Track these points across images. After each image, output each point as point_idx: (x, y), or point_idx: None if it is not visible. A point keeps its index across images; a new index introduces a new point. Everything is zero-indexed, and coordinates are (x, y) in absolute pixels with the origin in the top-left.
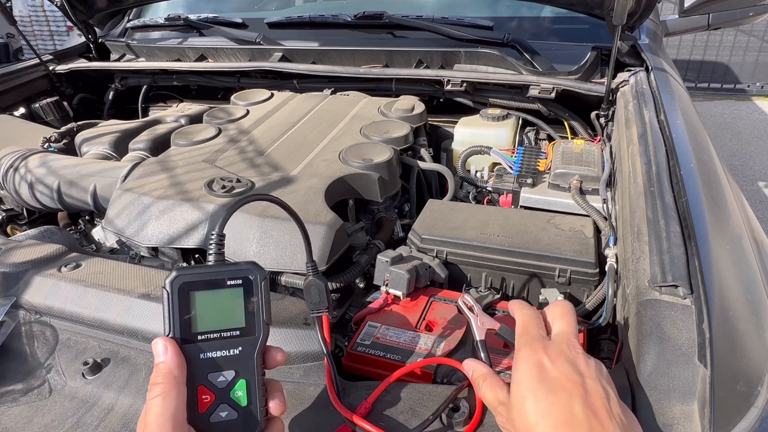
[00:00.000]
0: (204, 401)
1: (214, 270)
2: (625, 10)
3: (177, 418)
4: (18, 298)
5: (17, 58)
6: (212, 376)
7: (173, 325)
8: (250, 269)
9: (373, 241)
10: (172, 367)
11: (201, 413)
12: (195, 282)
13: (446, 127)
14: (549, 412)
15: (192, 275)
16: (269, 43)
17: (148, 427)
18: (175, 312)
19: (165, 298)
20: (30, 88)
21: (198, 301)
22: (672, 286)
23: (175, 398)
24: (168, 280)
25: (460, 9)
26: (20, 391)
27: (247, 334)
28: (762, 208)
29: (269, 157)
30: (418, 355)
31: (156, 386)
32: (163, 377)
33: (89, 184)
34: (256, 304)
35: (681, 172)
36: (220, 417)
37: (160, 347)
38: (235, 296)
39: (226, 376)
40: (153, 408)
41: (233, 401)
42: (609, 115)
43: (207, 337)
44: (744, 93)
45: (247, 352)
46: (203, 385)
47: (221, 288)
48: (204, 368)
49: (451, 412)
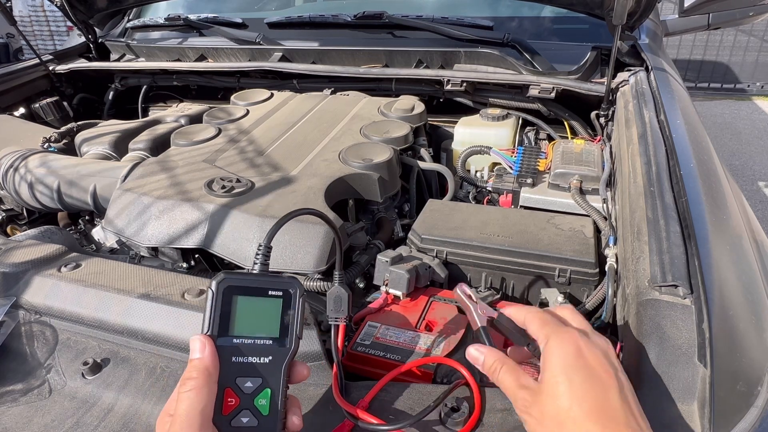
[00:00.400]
0: (229, 404)
1: (258, 278)
2: (625, 10)
3: (206, 415)
4: (18, 298)
5: (17, 58)
6: (240, 381)
7: (213, 324)
8: (292, 283)
9: (373, 241)
10: (208, 364)
11: (224, 415)
12: (239, 287)
13: (446, 127)
14: (584, 398)
15: (238, 279)
16: (269, 43)
17: (177, 419)
18: (216, 312)
19: (209, 297)
20: (30, 88)
21: (239, 305)
22: (672, 285)
23: (207, 395)
24: (215, 281)
25: (460, 9)
26: (20, 391)
27: (279, 344)
28: (762, 208)
29: (269, 157)
30: (418, 355)
31: (190, 380)
32: (198, 373)
33: (89, 184)
34: (292, 317)
35: (681, 172)
36: (241, 422)
37: (198, 343)
38: (274, 306)
39: (253, 383)
40: (184, 401)
41: (256, 409)
42: (609, 115)
43: (242, 341)
44: (744, 93)
45: (276, 363)
46: (230, 387)
47: (262, 296)
48: (234, 371)
49: (451, 411)
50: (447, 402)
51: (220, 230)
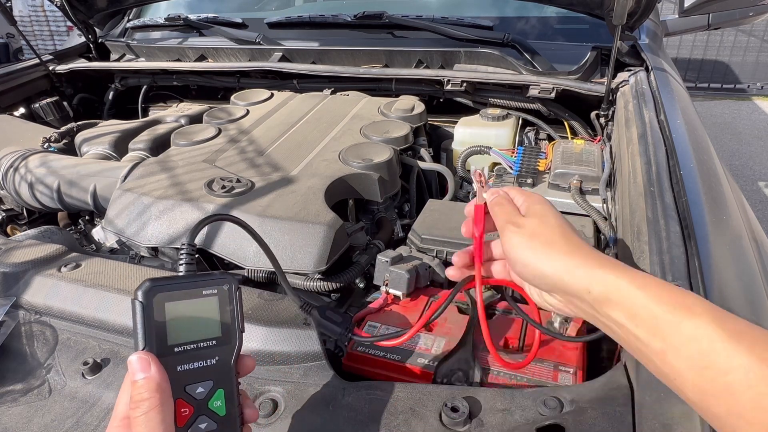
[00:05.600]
0: (183, 414)
1: (188, 280)
2: (625, 10)
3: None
4: (18, 298)
5: (17, 58)
6: (190, 388)
7: (149, 338)
8: (225, 278)
9: (373, 241)
10: (158, 380)
11: (180, 427)
12: (169, 293)
13: (446, 127)
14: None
15: (166, 285)
16: (269, 43)
17: None
18: (150, 324)
19: (138, 310)
20: (30, 88)
21: (173, 311)
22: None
23: (166, 413)
24: (140, 291)
25: (460, 9)
26: (20, 391)
27: (223, 343)
28: (762, 208)
29: (269, 157)
30: (418, 355)
31: (144, 402)
32: (151, 392)
33: (89, 184)
34: (231, 312)
35: (681, 172)
36: (200, 429)
37: (140, 363)
38: (210, 306)
39: (204, 387)
40: (142, 425)
41: (212, 412)
42: (609, 115)
43: (184, 349)
44: (744, 93)
45: (224, 361)
46: (181, 398)
47: (196, 298)
48: (181, 380)
49: (451, 411)
50: (447, 402)
51: (220, 230)
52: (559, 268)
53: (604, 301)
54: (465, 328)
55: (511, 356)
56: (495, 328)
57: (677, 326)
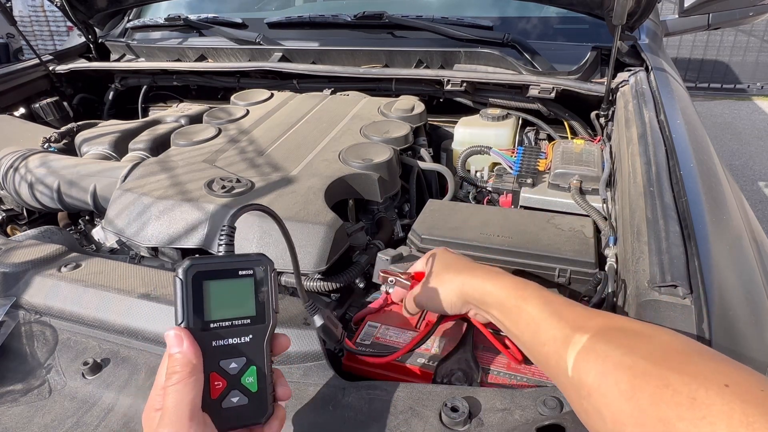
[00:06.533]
0: (216, 387)
1: (226, 260)
2: (625, 10)
3: (195, 405)
4: (18, 298)
5: (17, 58)
6: (224, 363)
7: (187, 314)
8: (261, 260)
9: (373, 241)
10: (189, 356)
11: (213, 399)
12: (208, 271)
13: (446, 127)
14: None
15: (205, 265)
16: (269, 43)
17: (165, 412)
18: (188, 300)
19: (178, 287)
20: (30, 88)
21: (211, 290)
22: (671, 286)
23: (194, 386)
24: (181, 268)
25: (460, 9)
26: (20, 391)
27: (257, 322)
28: (762, 208)
29: (269, 157)
30: (418, 355)
31: (174, 375)
32: (182, 366)
33: (89, 184)
34: (266, 293)
35: (681, 172)
36: (231, 403)
37: (173, 338)
38: (246, 286)
39: (238, 363)
40: (171, 395)
41: (244, 387)
42: (609, 115)
43: (219, 325)
44: (744, 93)
45: (257, 340)
46: (215, 371)
47: (233, 278)
48: (216, 355)
49: (451, 411)
50: (447, 402)
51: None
52: (452, 296)
53: (482, 304)
54: (465, 328)
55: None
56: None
57: (520, 313)
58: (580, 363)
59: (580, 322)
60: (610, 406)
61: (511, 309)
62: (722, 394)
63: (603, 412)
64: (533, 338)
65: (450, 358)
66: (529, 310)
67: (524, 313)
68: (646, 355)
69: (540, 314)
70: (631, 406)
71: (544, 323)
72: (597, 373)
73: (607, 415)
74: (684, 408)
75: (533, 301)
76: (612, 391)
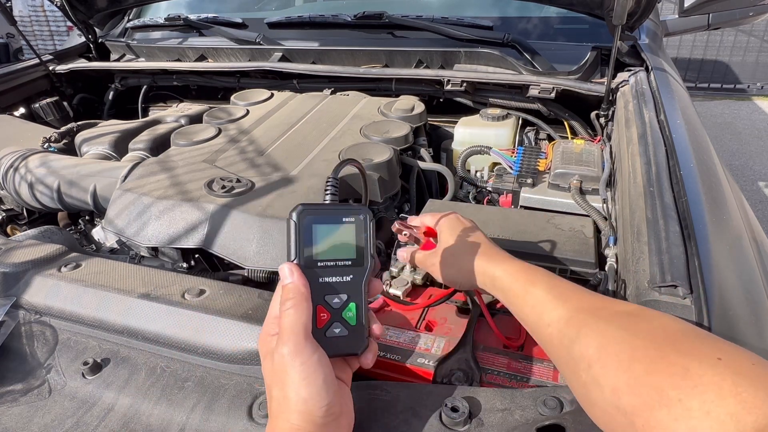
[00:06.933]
0: (322, 318)
1: (332, 207)
2: (625, 10)
3: (307, 327)
4: (18, 298)
5: (17, 58)
6: (328, 298)
7: (298, 252)
8: (361, 210)
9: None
10: (299, 285)
11: (319, 328)
12: (317, 216)
13: (446, 127)
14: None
15: (314, 210)
16: (269, 43)
17: (283, 331)
18: (300, 240)
19: (291, 228)
20: (30, 88)
21: (319, 232)
22: (671, 286)
23: (305, 310)
24: (294, 212)
25: (460, 9)
26: (20, 391)
27: (357, 264)
28: (762, 208)
29: (269, 157)
30: (418, 355)
31: (288, 300)
32: (294, 293)
33: (89, 184)
34: (366, 239)
35: (681, 172)
36: (334, 332)
37: (287, 270)
38: (348, 231)
39: (340, 299)
40: (287, 317)
41: (345, 321)
42: (609, 115)
43: (325, 264)
44: (744, 93)
45: (357, 280)
46: (321, 304)
47: (337, 223)
48: (322, 290)
49: (451, 411)
50: (447, 402)
51: (220, 230)
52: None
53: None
54: (465, 328)
55: (511, 357)
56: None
57: (527, 296)
58: (582, 338)
59: (584, 304)
60: (608, 377)
61: (518, 293)
62: (714, 366)
63: (601, 382)
64: (539, 320)
65: (450, 358)
66: (536, 293)
67: (531, 296)
68: (645, 333)
69: (546, 296)
70: (628, 375)
71: (549, 305)
72: (597, 346)
73: (605, 384)
74: (678, 378)
75: (541, 286)
76: (611, 361)
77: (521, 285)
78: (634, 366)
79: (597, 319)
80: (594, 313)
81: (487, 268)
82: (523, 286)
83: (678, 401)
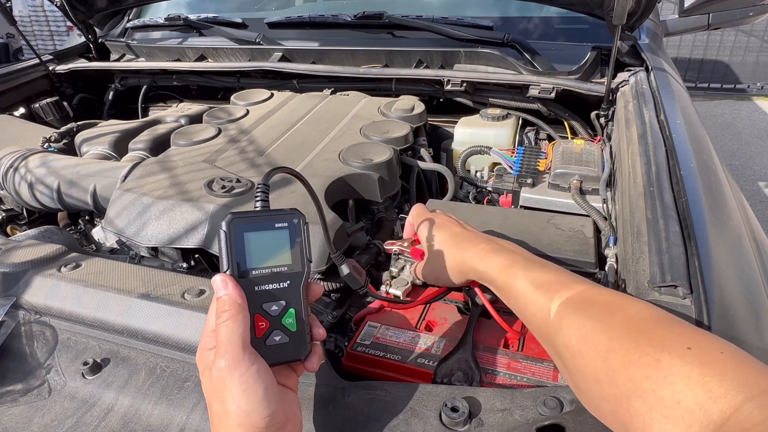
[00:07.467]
0: (260, 327)
1: (263, 214)
2: (625, 10)
3: (245, 338)
4: (18, 298)
5: (17, 58)
6: (266, 306)
7: (231, 262)
8: (294, 213)
9: (373, 241)
10: (234, 296)
11: (258, 338)
12: (248, 224)
13: (446, 127)
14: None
15: (245, 219)
16: (269, 43)
17: (220, 345)
18: (232, 250)
19: (222, 238)
20: (30, 88)
21: (251, 240)
22: (671, 286)
23: (242, 321)
24: (224, 222)
25: (460, 9)
26: (20, 391)
27: (293, 269)
28: (762, 208)
29: (269, 157)
30: (418, 355)
31: (224, 313)
32: (229, 305)
33: (89, 184)
34: (300, 244)
35: (681, 172)
36: (274, 341)
37: (220, 282)
38: (282, 237)
39: (278, 306)
40: (223, 330)
41: (285, 327)
42: (609, 115)
43: (260, 273)
44: (744, 93)
45: (294, 285)
46: (259, 313)
47: (270, 230)
48: (259, 299)
49: (451, 411)
50: (447, 402)
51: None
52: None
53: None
54: (465, 328)
55: (511, 356)
56: (495, 328)
57: (510, 290)
58: (565, 329)
59: (563, 292)
60: (589, 366)
61: (502, 287)
62: (683, 356)
63: (585, 371)
64: (525, 311)
65: (450, 358)
66: (518, 286)
67: (513, 289)
68: (620, 321)
69: (527, 288)
70: (606, 366)
71: (531, 296)
72: (579, 338)
73: (588, 373)
74: (650, 368)
75: (520, 277)
76: (591, 351)
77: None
78: (611, 357)
79: (576, 311)
80: (572, 302)
81: (472, 263)
82: (506, 280)
83: (651, 392)
